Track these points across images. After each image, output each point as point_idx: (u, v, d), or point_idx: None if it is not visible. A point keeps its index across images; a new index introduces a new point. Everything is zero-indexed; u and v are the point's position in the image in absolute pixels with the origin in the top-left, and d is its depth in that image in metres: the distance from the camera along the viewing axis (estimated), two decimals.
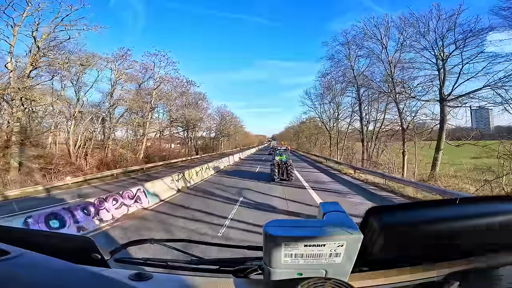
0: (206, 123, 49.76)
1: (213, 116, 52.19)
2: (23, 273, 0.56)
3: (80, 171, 19.28)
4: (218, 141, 56.12)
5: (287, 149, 17.35)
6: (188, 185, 13.49)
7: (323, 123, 38.50)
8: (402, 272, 0.80)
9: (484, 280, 0.74)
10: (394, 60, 22.09)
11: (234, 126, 63.96)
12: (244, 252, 1.10)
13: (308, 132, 51.23)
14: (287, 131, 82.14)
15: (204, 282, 0.78)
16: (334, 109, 34.74)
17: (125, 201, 8.51)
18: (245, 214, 8.24)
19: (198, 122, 42.81)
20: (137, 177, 19.35)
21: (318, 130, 44.69)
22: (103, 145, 26.87)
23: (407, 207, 0.79)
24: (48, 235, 1.21)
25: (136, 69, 29.49)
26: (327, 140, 39.75)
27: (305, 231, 0.66)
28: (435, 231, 0.73)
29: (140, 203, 9.04)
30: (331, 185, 13.78)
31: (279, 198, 10.37)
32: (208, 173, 17.72)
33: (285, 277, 0.69)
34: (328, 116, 36.83)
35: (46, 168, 17.27)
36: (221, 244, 1.29)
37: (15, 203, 10.46)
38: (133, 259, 1.04)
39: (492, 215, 0.75)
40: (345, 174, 18.23)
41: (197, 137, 47.01)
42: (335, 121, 34.30)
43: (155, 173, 21.24)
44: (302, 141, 59.06)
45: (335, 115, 34.66)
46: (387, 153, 23.60)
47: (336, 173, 19.07)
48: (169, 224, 7.45)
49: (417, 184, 11.98)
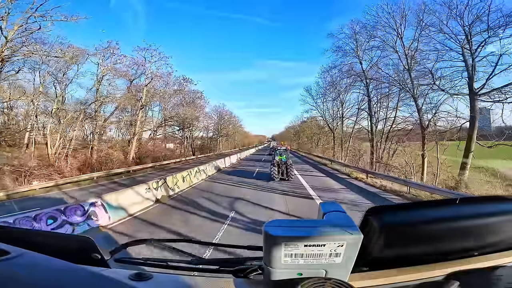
0: (204, 122, 47.41)
1: (211, 115, 49.64)
2: (23, 273, 0.57)
3: (58, 173, 18.00)
4: (216, 141, 53.57)
5: (287, 149, 17.44)
6: (171, 193, 11.90)
7: (326, 122, 35.80)
8: (402, 272, 0.81)
9: (484, 280, 0.74)
10: (411, 52, 19.55)
11: (233, 126, 61.43)
12: (244, 252, 1.11)
13: (310, 131, 48.66)
14: (287, 131, 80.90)
15: (204, 282, 0.79)
16: (338, 107, 32.06)
17: (70, 218, 6.05)
18: (235, 237, 6.47)
19: (195, 121, 40.22)
20: (119, 181, 18.05)
21: (320, 129, 42.13)
22: (88, 145, 24.30)
23: (407, 207, 0.81)
24: (48, 235, 1.25)
25: (126, 65, 28.17)
26: (330, 140, 37.13)
27: (305, 231, 0.67)
28: (435, 231, 0.75)
29: (94, 219, 6.61)
30: (343, 193, 11.58)
31: (280, 213, 8.68)
32: (198, 177, 16.25)
33: (285, 277, 0.70)
34: (332, 114, 34.21)
35: (19, 170, 15.87)
36: (221, 244, 1.33)
37: None
38: (133, 259, 1.05)
39: (492, 215, 0.77)
40: (355, 179, 16.46)
41: (193, 137, 44.46)
42: (340, 120, 31.63)
43: (141, 176, 19.95)
44: (303, 141, 56.65)
45: (339, 114, 32.00)
46: (400, 155, 20.98)
47: (345, 177, 17.38)
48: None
49: (449, 192, 10.48)
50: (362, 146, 28.71)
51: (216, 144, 55.20)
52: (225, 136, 59.33)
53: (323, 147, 42.39)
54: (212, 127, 52.95)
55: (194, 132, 45.91)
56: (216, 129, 53.55)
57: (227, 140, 64.51)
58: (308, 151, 46.09)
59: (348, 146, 30.56)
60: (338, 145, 33.37)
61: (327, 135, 42.32)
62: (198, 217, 8.39)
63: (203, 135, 52.01)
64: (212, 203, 10.10)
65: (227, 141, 65.84)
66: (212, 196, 11.41)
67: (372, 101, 26.72)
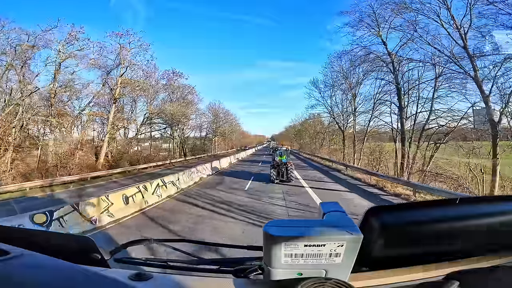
0: (196, 120, 42.32)
1: (205, 113, 44.73)
2: (23, 273, 0.57)
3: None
4: (211, 141, 48.36)
5: (287, 150, 16.78)
6: (90, 228, 7.36)
7: (333, 119, 30.55)
8: (402, 272, 0.83)
9: (484, 280, 0.74)
10: (465, 27, 14.35)
11: (230, 125, 55.96)
12: (244, 252, 1.11)
13: (313, 130, 43.33)
14: (287, 130, 77.88)
15: (204, 282, 0.80)
16: (350, 100, 26.75)
17: None
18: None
19: (185, 118, 34.93)
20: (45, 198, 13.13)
21: (325, 128, 36.88)
22: (37, 146, 19.07)
23: (407, 207, 0.82)
24: (48, 235, 1.28)
25: (96, 52, 24.46)
26: (337, 140, 31.88)
27: (305, 231, 0.67)
28: (435, 231, 0.76)
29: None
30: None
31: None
32: (161, 194, 11.29)
33: (285, 277, 0.71)
34: (341, 110, 28.97)
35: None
36: (221, 244, 1.33)
37: None
38: (133, 259, 1.05)
39: (492, 215, 0.78)
40: (396, 195, 11.79)
41: (184, 136, 39.13)
42: (351, 116, 26.40)
43: (94, 190, 14.91)
44: (305, 142, 51.14)
45: (350, 109, 26.81)
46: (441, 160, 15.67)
47: (380, 193, 12.53)
48: None
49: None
50: (385, 147, 22.86)
51: (210, 144, 50.01)
52: (221, 136, 54.19)
53: (329, 148, 37.14)
54: (206, 126, 47.74)
55: (185, 131, 40.73)
56: (210, 128, 48.35)
57: (223, 140, 59.42)
58: (311, 152, 40.80)
59: (363, 147, 25.16)
60: (349, 146, 28.07)
61: (333, 134, 37.12)
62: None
63: (198, 135, 47.61)
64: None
65: (224, 141, 60.72)
66: (168, 234, 6.61)
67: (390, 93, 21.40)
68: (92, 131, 28.11)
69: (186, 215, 8.77)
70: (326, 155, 32.96)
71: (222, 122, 53.32)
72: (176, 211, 9.35)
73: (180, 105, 35.44)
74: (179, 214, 8.95)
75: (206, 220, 8.17)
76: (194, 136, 48.11)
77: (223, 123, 53.78)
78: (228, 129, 59.19)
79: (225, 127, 55.61)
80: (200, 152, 43.29)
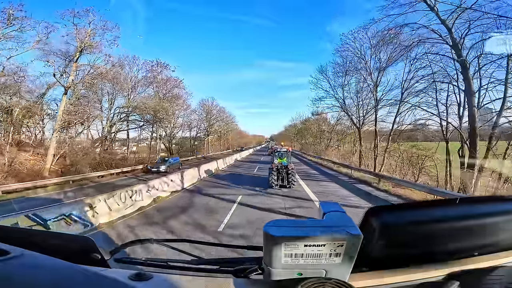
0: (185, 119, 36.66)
1: (195, 110, 39.47)
2: (23, 273, 0.57)
3: None
4: (203, 142, 42.41)
5: (288, 151, 14.53)
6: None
7: (346, 113, 24.71)
8: (402, 272, 0.83)
9: (484, 280, 0.74)
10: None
11: (225, 123, 50.03)
12: (244, 252, 1.10)
13: (317, 129, 37.51)
14: (287, 130, 73.97)
15: (204, 282, 0.81)
16: (369, 91, 20.96)
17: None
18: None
19: (169, 115, 28.98)
20: None
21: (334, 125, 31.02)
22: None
23: (407, 207, 0.82)
24: (48, 235, 1.24)
25: (47, 35, 19.45)
26: (352, 140, 26.04)
27: (305, 231, 0.67)
28: (435, 231, 0.76)
29: None
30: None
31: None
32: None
33: (285, 277, 0.71)
34: (357, 105, 23.15)
35: None
36: (221, 244, 1.29)
37: None
38: (133, 259, 1.03)
39: (492, 215, 0.78)
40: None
41: (171, 136, 33.19)
42: (374, 109, 20.49)
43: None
44: (308, 142, 45.21)
45: (370, 102, 21.14)
46: None
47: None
48: None
49: None
50: (428, 147, 16.73)
51: (202, 146, 44.08)
52: (216, 135, 48.46)
53: (338, 149, 31.27)
54: (196, 124, 41.93)
55: (172, 129, 34.79)
56: (201, 126, 42.55)
57: (218, 140, 53.57)
58: (316, 153, 34.59)
59: (388, 147, 19.16)
60: (368, 147, 22.17)
61: (342, 133, 31.22)
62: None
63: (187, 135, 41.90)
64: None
65: (219, 142, 54.86)
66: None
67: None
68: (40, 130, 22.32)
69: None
70: (336, 158, 27.05)
71: (216, 120, 47.58)
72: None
73: (162, 100, 29.60)
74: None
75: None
76: (183, 136, 42.56)
77: (216, 121, 48.04)
78: (224, 128, 53.47)
79: (219, 125, 49.88)
80: (189, 154, 37.51)
